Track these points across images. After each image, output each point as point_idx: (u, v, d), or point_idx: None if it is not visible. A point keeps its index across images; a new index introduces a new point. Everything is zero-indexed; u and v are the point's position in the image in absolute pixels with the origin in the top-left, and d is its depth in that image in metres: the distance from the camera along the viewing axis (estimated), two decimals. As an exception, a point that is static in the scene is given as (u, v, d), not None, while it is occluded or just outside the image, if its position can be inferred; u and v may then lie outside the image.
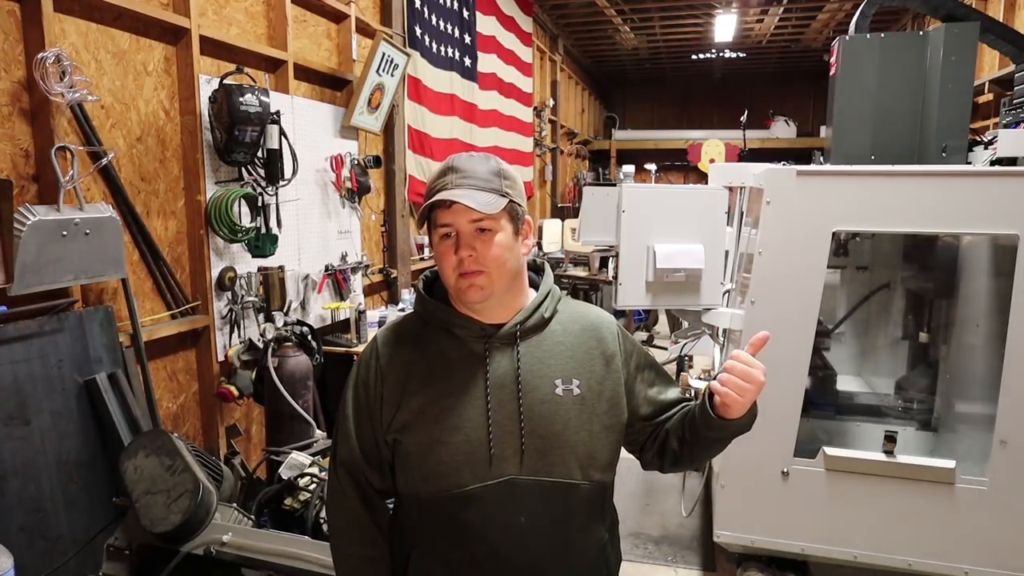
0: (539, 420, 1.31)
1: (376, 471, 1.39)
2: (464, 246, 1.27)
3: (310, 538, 2.13)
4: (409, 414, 1.32)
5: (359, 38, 4.58)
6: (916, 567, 2.47)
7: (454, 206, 1.26)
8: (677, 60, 12.60)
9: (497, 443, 1.30)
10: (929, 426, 3.07)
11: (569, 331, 1.39)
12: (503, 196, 1.28)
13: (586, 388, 1.35)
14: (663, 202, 2.91)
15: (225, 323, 3.36)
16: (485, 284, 1.28)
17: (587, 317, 1.43)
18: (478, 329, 1.33)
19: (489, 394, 1.30)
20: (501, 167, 1.32)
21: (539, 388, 1.32)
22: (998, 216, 2.34)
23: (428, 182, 1.34)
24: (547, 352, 1.35)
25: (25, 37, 2.43)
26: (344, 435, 1.40)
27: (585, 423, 1.34)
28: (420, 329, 1.39)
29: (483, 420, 1.30)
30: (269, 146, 3.42)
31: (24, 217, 2.29)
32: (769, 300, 2.52)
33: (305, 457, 2.49)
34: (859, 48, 2.72)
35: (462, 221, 1.27)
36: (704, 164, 11.05)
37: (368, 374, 1.38)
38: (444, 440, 1.30)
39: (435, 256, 1.34)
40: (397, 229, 5.17)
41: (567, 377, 1.34)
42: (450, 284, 1.31)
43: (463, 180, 1.28)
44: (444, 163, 1.33)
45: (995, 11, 5.48)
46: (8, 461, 2.27)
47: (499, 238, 1.28)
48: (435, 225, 1.31)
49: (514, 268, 1.32)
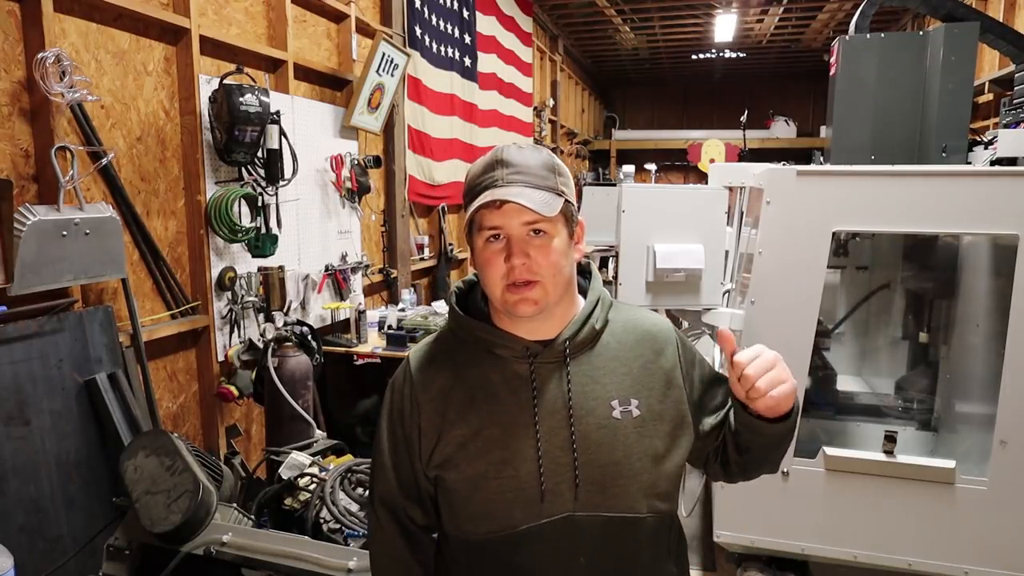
0: (596, 448, 1.16)
1: (417, 505, 1.25)
2: (517, 252, 1.11)
3: (310, 538, 2.13)
4: (450, 448, 1.18)
5: (359, 38, 4.58)
6: (916, 567, 2.47)
7: (505, 207, 1.10)
8: (677, 60, 12.60)
9: (549, 477, 1.15)
10: (929, 426, 3.07)
11: (624, 343, 1.24)
12: (559, 195, 1.13)
13: (646, 408, 1.20)
14: (663, 202, 2.91)
15: (225, 323, 3.36)
16: (539, 297, 1.13)
17: (642, 325, 1.27)
18: (522, 348, 1.18)
19: (538, 422, 1.16)
20: (555, 161, 1.18)
21: (594, 412, 1.18)
22: (998, 216, 2.34)
23: (469, 177, 1.18)
24: (600, 369, 1.20)
25: (25, 37, 2.43)
26: (380, 469, 1.27)
27: (648, 448, 1.19)
28: (456, 348, 1.24)
29: (533, 452, 1.15)
30: (269, 146, 3.42)
31: (24, 217, 2.29)
32: (769, 300, 2.52)
33: (305, 457, 2.49)
34: (859, 48, 2.72)
35: (514, 223, 1.11)
36: (704, 164, 11.05)
37: (403, 402, 1.24)
38: (490, 476, 1.16)
39: (477, 262, 1.17)
40: (397, 229, 5.17)
41: (625, 397, 1.19)
42: (496, 296, 1.15)
43: (515, 176, 1.12)
44: (490, 155, 1.16)
45: (995, 11, 5.48)
46: (8, 461, 2.27)
47: (556, 243, 1.13)
48: (480, 227, 1.14)
49: (569, 276, 1.18)
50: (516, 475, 1.16)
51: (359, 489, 2.35)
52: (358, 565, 1.90)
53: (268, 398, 3.14)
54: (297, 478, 2.41)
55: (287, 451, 2.55)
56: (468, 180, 1.18)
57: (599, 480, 1.16)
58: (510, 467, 1.16)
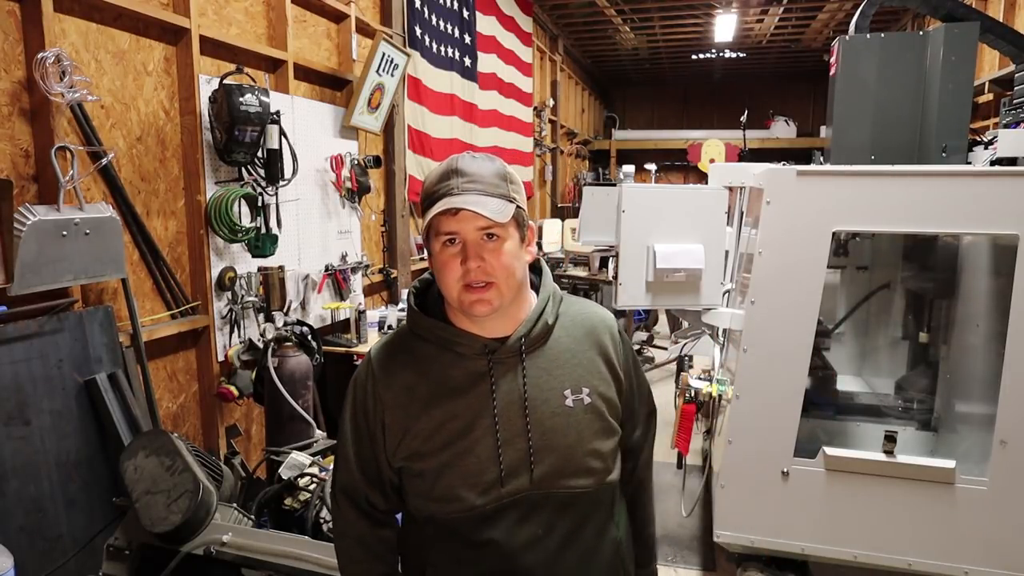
0: (550, 434, 1.26)
1: (378, 491, 1.34)
2: (473, 256, 1.19)
3: (310, 538, 2.13)
4: (416, 441, 1.26)
5: (359, 38, 4.58)
6: (916, 567, 2.47)
7: (461, 212, 1.17)
8: (677, 60, 12.60)
9: (508, 462, 1.25)
10: (929, 426, 3.07)
11: (573, 336, 1.34)
12: (510, 202, 1.21)
13: (596, 395, 1.31)
14: (663, 202, 2.90)
15: (225, 323, 3.36)
16: (494, 297, 1.21)
17: (589, 319, 1.38)
18: (480, 346, 1.26)
19: (496, 414, 1.25)
20: (506, 170, 1.25)
21: (548, 401, 1.27)
22: (998, 216, 2.34)
23: (426, 186, 1.25)
24: (553, 362, 1.30)
25: (25, 37, 2.43)
26: (343, 460, 1.35)
27: (597, 431, 1.30)
28: (416, 346, 1.31)
29: (492, 440, 1.25)
30: (269, 146, 3.42)
31: (24, 217, 2.29)
32: (769, 300, 2.52)
33: (305, 457, 2.49)
34: (859, 48, 2.72)
35: (469, 228, 1.19)
36: (704, 164, 11.05)
37: (366, 399, 1.31)
38: (455, 464, 1.25)
39: (434, 265, 1.24)
40: (397, 229, 5.17)
41: (576, 386, 1.30)
42: (453, 297, 1.22)
43: (469, 184, 1.19)
44: (445, 164, 1.23)
45: (995, 11, 5.48)
46: (8, 461, 2.27)
47: (508, 246, 1.21)
48: (437, 232, 1.21)
49: (521, 277, 1.26)
50: (478, 461, 1.25)
51: (359, 489, 2.34)
52: (358, 565, 1.90)
53: (268, 398, 3.14)
54: (297, 478, 2.41)
55: (287, 451, 2.55)
56: (425, 187, 1.25)
57: (553, 462, 1.27)
58: (472, 455, 1.25)
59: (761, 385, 2.53)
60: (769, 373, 2.52)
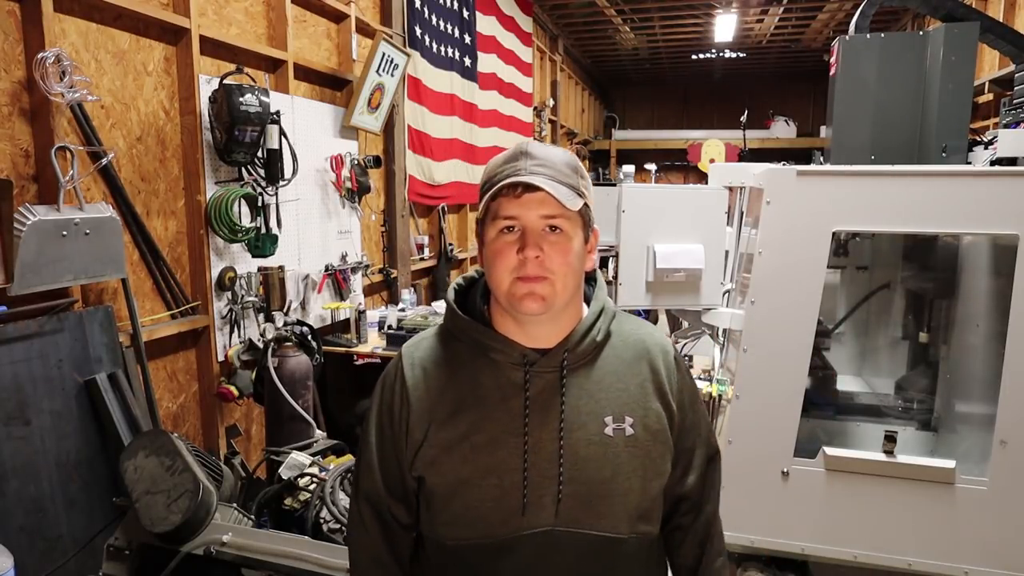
0: (583, 464, 1.13)
1: (402, 503, 1.22)
2: (531, 244, 1.07)
3: (310, 538, 2.13)
4: (434, 450, 1.15)
5: (359, 38, 4.58)
6: (916, 567, 2.47)
7: (525, 196, 1.07)
8: (677, 60, 12.60)
9: (533, 489, 1.12)
10: (929, 426, 3.07)
11: (622, 358, 1.19)
12: (579, 195, 1.11)
13: (641, 427, 1.16)
14: (663, 202, 2.90)
15: (225, 323, 3.36)
16: (547, 294, 1.09)
17: (643, 342, 1.23)
18: (518, 355, 1.14)
19: (528, 432, 1.12)
20: (578, 163, 1.14)
21: (586, 426, 1.14)
22: (998, 216, 2.34)
23: (489, 169, 1.14)
24: (597, 384, 1.16)
25: (25, 37, 2.43)
26: (366, 466, 1.24)
27: (638, 469, 1.15)
28: (450, 346, 1.20)
29: (519, 462, 1.12)
30: (269, 146, 3.42)
31: (24, 217, 2.29)
32: (769, 300, 2.52)
33: (305, 457, 2.49)
34: (859, 48, 2.72)
35: (532, 216, 1.08)
36: (704, 164, 11.05)
37: (392, 399, 1.21)
38: (473, 482, 1.13)
39: (487, 253, 1.12)
40: (397, 229, 5.17)
41: (619, 414, 1.15)
42: (502, 289, 1.10)
43: (539, 168, 1.09)
44: (514, 147, 1.13)
45: (995, 11, 5.48)
46: (8, 461, 2.27)
47: (571, 243, 1.10)
48: (495, 216, 1.10)
49: (578, 281, 1.14)
50: (499, 484, 1.12)
51: (359, 489, 2.34)
52: (358, 565, 1.90)
53: (268, 398, 3.14)
54: (297, 478, 2.41)
55: (287, 451, 2.55)
56: (488, 170, 1.14)
57: (585, 497, 1.13)
58: (494, 475, 1.12)
59: (761, 385, 2.53)
60: (769, 373, 2.52)
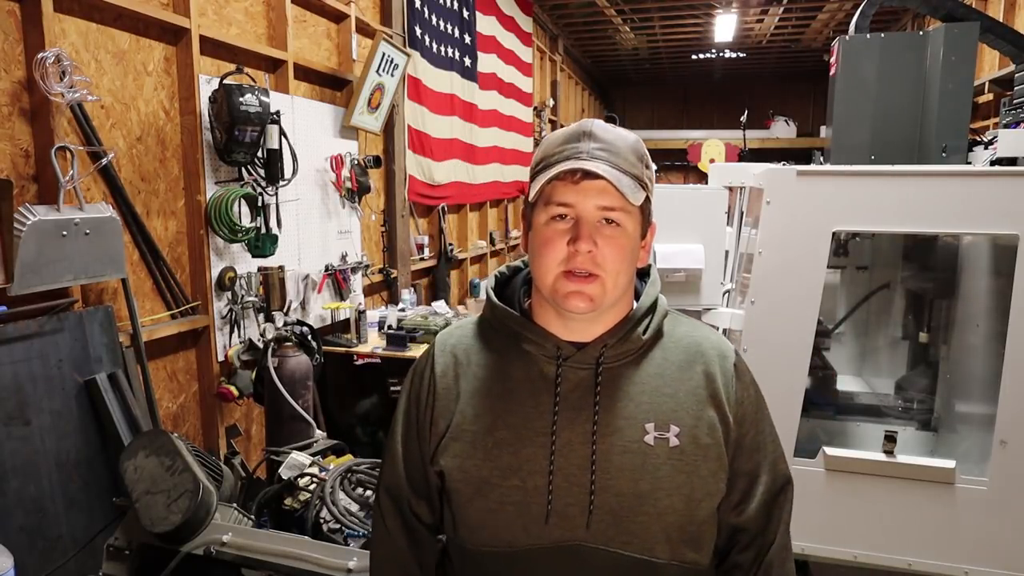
0: (618, 473, 1.01)
1: (424, 501, 1.14)
2: (585, 237, 0.97)
3: (310, 538, 2.13)
4: (457, 442, 1.06)
5: (359, 38, 4.58)
6: (916, 567, 2.47)
7: (583, 183, 0.97)
8: (677, 60, 12.60)
9: (559, 496, 1.01)
10: (929, 426, 3.07)
11: (672, 360, 1.08)
12: (643, 188, 1.01)
13: (688, 439, 1.03)
14: (663, 202, 2.89)
15: (225, 323, 3.36)
16: (597, 294, 0.99)
17: (698, 344, 1.10)
18: (552, 347, 1.04)
19: (556, 432, 1.02)
20: (644, 150, 1.05)
21: (623, 432, 1.02)
22: (998, 216, 2.34)
23: (545, 147, 1.04)
24: (639, 386, 1.04)
25: (25, 37, 2.43)
26: (391, 457, 1.16)
27: (682, 486, 1.02)
28: (486, 337, 1.12)
29: (544, 464, 1.01)
30: (269, 146, 3.42)
31: (24, 217, 2.29)
32: (769, 300, 2.52)
33: (305, 457, 2.49)
34: (859, 48, 2.72)
35: (589, 205, 0.98)
36: (704, 164, 11.05)
37: (421, 386, 1.13)
38: (494, 482, 1.03)
39: (534, 242, 1.03)
40: (397, 229, 5.17)
41: (663, 422, 1.03)
42: (547, 283, 1.01)
43: (602, 152, 0.99)
44: (575, 126, 1.03)
45: (995, 11, 5.48)
46: (8, 461, 2.27)
47: (628, 238, 1.01)
48: (548, 202, 1.00)
49: (630, 279, 1.06)
50: (522, 486, 1.02)
51: (359, 489, 2.34)
52: (358, 565, 1.90)
53: (268, 398, 3.14)
54: (297, 478, 2.41)
55: (287, 451, 2.55)
56: (543, 149, 1.04)
57: (617, 510, 1.01)
58: (516, 476, 1.03)
59: (761, 385, 2.52)
60: (769, 373, 2.51)
